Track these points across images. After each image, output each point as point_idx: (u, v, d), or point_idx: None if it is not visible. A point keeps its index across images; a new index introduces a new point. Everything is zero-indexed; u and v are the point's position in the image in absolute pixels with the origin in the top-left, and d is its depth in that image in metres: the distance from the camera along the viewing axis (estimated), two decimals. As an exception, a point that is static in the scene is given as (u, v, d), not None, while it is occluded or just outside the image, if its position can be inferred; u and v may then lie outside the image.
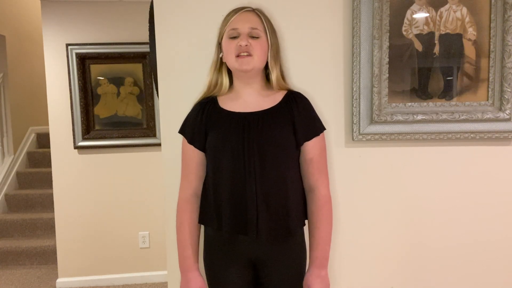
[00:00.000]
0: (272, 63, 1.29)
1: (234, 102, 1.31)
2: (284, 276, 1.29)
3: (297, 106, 1.29)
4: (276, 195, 1.24)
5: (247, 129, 1.24)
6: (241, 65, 1.24)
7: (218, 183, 1.27)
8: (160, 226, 3.08)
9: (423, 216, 1.53)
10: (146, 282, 3.23)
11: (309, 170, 1.30)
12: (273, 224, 1.24)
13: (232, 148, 1.24)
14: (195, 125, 1.31)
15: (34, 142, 4.68)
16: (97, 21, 3.05)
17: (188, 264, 1.31)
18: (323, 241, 1.30)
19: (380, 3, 1.42)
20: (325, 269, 1.30)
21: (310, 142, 1.29)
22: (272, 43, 1.29)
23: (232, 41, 1.26)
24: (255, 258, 1.29)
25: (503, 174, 1.51)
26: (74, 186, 3.13)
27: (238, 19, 1.26)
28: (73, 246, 3.16)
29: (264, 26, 1.28)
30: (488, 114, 1.46)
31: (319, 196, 1.30)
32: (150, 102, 3.12)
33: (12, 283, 3.26)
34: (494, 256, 1.54)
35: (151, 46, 1.55)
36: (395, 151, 1.51)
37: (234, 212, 1.24)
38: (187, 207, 1.32)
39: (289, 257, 1.30)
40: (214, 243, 1.32)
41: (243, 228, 1.24)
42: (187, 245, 1.31)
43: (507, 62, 1.43)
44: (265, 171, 1.23)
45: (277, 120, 1.26)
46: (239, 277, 1.30)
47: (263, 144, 1.23)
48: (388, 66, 1.45)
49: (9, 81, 4.32)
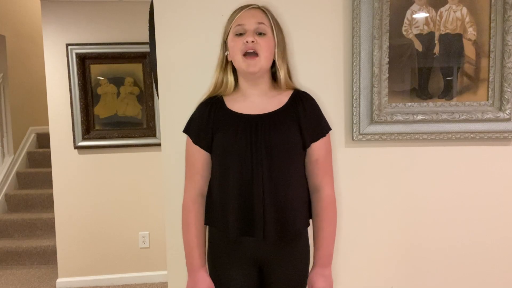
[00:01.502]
0: (279, 61, 1.28)
1: (241, 103, 1.30)
2: (289, 276, 1.29)
3: (304, 106, 1.28)
4: (283, 197, 1.24)
5: (255, 132, 1.24)
6: (248, 67, 1.23)
7: (225, 185, 1.26)
8: (160, 226, 3.08)
9: (423, 216, 1.53)
10: (146, 282, 3.23)
11: (314, 170, 1.30)
12: (280, 226, 1.24)
13: (240, 151, 1.23)
14: (201, 125, 1.30)
15: (34, 142, 4.68)
16: (97, 21, 3.05)
17: (196, 264, 1.30)
18: (327, 240, 1.30)
19: (380, 3, 1.42)
20: (328, 268, 1.31)
21: (317, 143, 1.29)
22: (279, 40, 1.28)
23: (238, 38, 1.24)
24: (260, 259, 1.29)
25: (503, 174, 1.51)
26: (74, 186, 3.13)
27: (244, 15, 1.25)
28: (73, 246, 3.16)
29: (271, 22, 1.27)
30: (488, 114, 1.46)
31: (323, 197, 1.30)
32: (150, 102, 3.12)
33: (12, 283, 3.26)
34: (494, 256, 1.54)
35: (151, 46, 1.55)
36: (395, 151, 1.51)
37: (241, 213, 1.23)
38: (193, 207, 1.31)
39: (294, 257, 1.30)
40: (219, 243, 1.31)
41: (250, 230, 1.23)
42: (194, 246, 1.30)
43: (507, 62, 1.42)
44: (273, 173, 1.23)
45: (284, 122, 1.26)
46: (244, 278, 1.29)
47: (271, 146, 1.23)
48: (388, 66, 1.45)
49: (9, 81, 4.32)
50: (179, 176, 1.41)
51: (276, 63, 1.28)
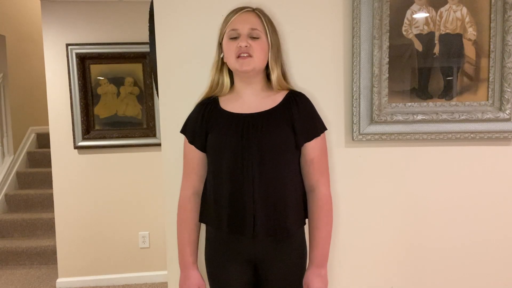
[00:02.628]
0: (272, 63, 1.29)
1: (234, 103, 1.31)
2: (284, 275, 1.30)
3: (297, 106, 1.29)
4: (274, 196, 1.25)
5: (246, 131, 1.25)
6: (242, 66, 1.25)
7: (218, 183, 1.28)
8: (160, 226, 3.08)
9: (423, 216, 1.53)
10: (146, 282, 3.23)
11: (309, 170, 1.31)
12: (270, 224, 1.25)
13: (231, 149, 1.25)
14: (196, 126, 1.32)
15: (34, 142, 4.68)
16: (97, 21, 3.05)
17: (187, 261, 1.33)
18: (323, 240, 1.30)
19: (380, 3, 1.42)
20: (324, 268, 1.31)
21: (311, 143, 1.29)
22: (272, 43, 1.29)
23: (232, 42, 1.26)
24: (255, 257, 1.29)
25: (503, 174, 1.51)
26: (74, 186, 3.13)
27: (238, 20, 1.26)
28: (73, 246, 3.16)
29: (264, 26, 1.28)
30: (488, 114, 1.46)
31: (319, 196, 1.30)
32: (150, 102, 3.12)
33: (12, 283, 3.26)
34: (494, 256, 1.54)
35: (151, 46, 1.55)
36: (395, 151, 1.51)
37: (232, 212, 1.25)
38: (188, 205, 1.34)
39: (289, 256, 1.30)
40: (214, 241, 1.33)
41: (240, 228, 1.25)
42: (186, 243, 1.33)
43: (507, 62, 1.42)
44: (264, 172, 1.24)
45: (277, 121, 1.26)
46: (239, 276, 1.31)
47: (262, 145, 1.23)
48: (388, 66, 1.45)
49: (9, 81, 4.32)
50: (179, 176, 1.41)
51: (269, 65, 1.30)
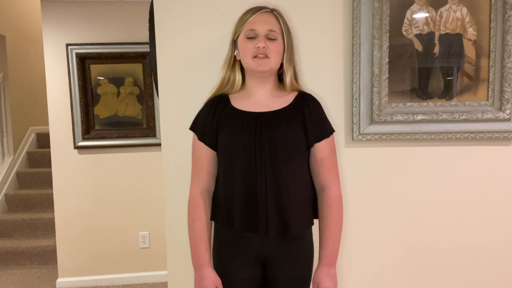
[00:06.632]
0: (286, 64, 1.30)
1: (246, 101, 1.32)
2: (292, 274, 1.30)
3: (308, 107, 1.30)
4: (286, 195, 1.25)
5: (259, 129, 1.25)
6: (258, 66, 1.25)
7: (230, 182, 1.28)
8: (160, 226, 3.08)
9: (423, 216, 1.53)
10: (146, 282, 3.23)
11: (319, 170, 1.31)
12: (282, 223, 1.25)
13: (244, 148, 1.25)
14: (207, 123, 1.31)
15: (34, 142, 4.68)
16: (97, 21, 3.05)
17: (202, 260, 1.30)
18: (333, 239, 1.31)
19: (380, 3, 1.42)
20: (334, 267, 1.32)
21: (321, 143, 1.30)
22: (288, 44, 1.30)
23: (250, 41, 1.26)
24: (264, 256, 1.30)
25: (503, 174, 1.51)
26: (74, 186, 3.13)
27: (256, 20, 1.26)
28: (73, 246, 3.16)
29: (281, 28, 1.29)
30: (488, 114, 1.46)
31: (330, 195, 1.31)
32: (150, 102, 3.12)
33: (12, 283, 3.26)
34: (494, 256, 1.54)
35: (151, 46, 1.55)
36: (395, 151, 1.51)
37: (244, 210, 1.25)
38: (199, 203, 1.32)
39: (297, 256, 1.31)
40: (224, 240, 1.33)
41: (253, 226, 1.25)
42: (200, 242, 1.31)
43: (507, 62, 1.43)
44: (276, 170, 1.24)
45: (289, 121, 1.27)
46: (248, 274, 1.31)
47: (274, 144, 1.24)
48: (388, 66, 1.45)
49: (9, 81, 4.32)
50: (179, 176, 1.41)
51: (283, 66, 1.30)
